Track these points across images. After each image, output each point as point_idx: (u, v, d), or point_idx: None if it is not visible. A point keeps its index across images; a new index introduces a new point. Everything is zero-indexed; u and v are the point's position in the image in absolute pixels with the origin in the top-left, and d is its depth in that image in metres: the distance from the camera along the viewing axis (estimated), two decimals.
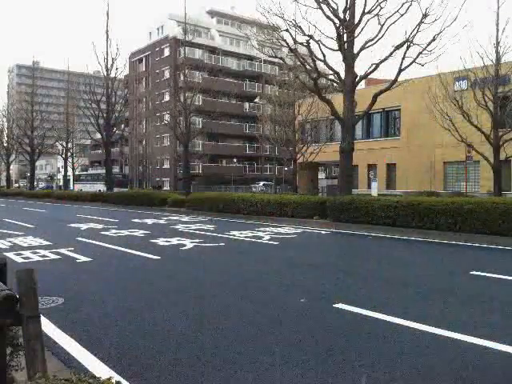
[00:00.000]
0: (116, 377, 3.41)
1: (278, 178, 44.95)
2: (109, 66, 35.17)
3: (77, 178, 58.48)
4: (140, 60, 59.30)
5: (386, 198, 15.78)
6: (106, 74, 35.45)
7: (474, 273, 7.60)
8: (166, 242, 11.63)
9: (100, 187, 43.14)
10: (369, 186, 28.80)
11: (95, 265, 8.65)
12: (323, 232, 14.31)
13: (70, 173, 58.97)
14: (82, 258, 9.17)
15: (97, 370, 3.59)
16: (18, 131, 52.68)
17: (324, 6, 17.77)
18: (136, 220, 18.61)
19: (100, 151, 55.55)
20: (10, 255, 9.28)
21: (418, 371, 3.69)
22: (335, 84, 20.84)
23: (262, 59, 54.62)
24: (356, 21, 17.70)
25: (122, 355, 4.06)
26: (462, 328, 4.68)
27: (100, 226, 15.79)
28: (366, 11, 17.47)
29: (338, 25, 17.80)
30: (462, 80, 22.34)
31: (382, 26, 17.28)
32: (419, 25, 16.98)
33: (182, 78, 33.47)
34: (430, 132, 26.98)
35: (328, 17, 17.80)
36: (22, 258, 9.19)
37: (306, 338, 4.45)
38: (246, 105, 57.42)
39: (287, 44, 19.55)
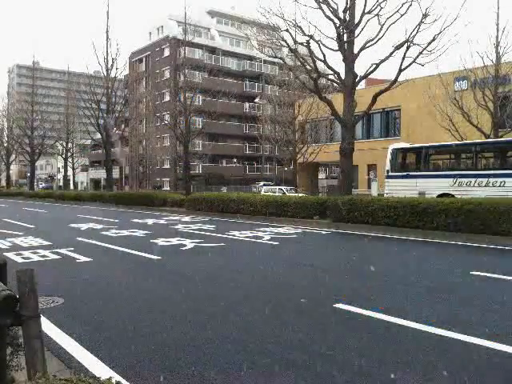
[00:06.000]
0: (116, 377, 3.41)
1: (278, 178, 44.97)
2: (109, 66, 35.18)
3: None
4: (140, 60, 59.30)
5: (385, 197, 15.78)
6: (106, 74, 35.45)
7: (475, 273, 7.59)
8: (167, 242, 11.63)
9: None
10: (369, 186, 28.82)
11: (95, 265, 8.65)
12: (323, 232, 14.30)
13: (70, 173, 58.99)
14: (82, 258, 9.17)
15: (97, 370, 3.59)
16: (18, 131, 52.66)
17: (324, 6, 17.78)
18: (136, 220, 18.61)
19: (100, 151, 55.51)
20: (10, 255, 9.27)
21: (418, 371, 3.69)
22: (335, 84, 20.86)
23: (262, 59, 54.61)
24: (356, 21, 17.70)
25: (122, 355, 4.06)
26: (463, 328, 4.68)
27: (100, 226, 15.79)
28: (366, 11, 17.48)
29: (338, 25, 17.80)
30: (462, 80, 22.37)
31: (382, 26, 17.28)
32: (419, 25, 16.98)
33: (182, 78, 33.47)
34: (430, 132, 26.98)
35: (328, 17, 17.80)
36: (22, 258, 9.18)
37: (306, 338, 4.45)
38: (246, 105, 57.42)
39: (287, 44, 19.55)
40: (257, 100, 54.75)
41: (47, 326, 4.66)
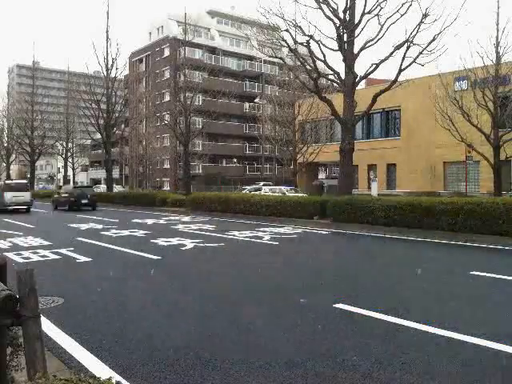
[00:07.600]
0: (116, 377, 3.41)
1: (278, 178, 44.93)
2: (109, 66, 35.10)
3: None
4: (140, 60, 59.24)
5: (385, 197, 15.78)
6: (106, 74, 35.39)
7: (474, 273, 7.59)
8: (167, 242, 11.63)
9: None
10: (369, 186, 28.82)
11: (95, 265, 8.65)
12: (323, 232, 14.30)
13: (70, 173, 58.94)
14: (82, 258, 9.17)
15: (97, 370, 3.59)
16: (18, 131, 52.59)
17: (324, 6, 17.78)
18: (136, 220, 18.61)
19: (100, 151, 55.52)
20: (10, 255, 9.28)
21: (418, 371, 3.69)
22: (335, 84, 20.88)
23: (262, 59, 54.55)
24: (356, 21, 17.70)
25: (122, 355, 4.06)
26: (463, 328, 4.68)
27: (100, 226, 15.79)
28: (366, 11, 17.47)
29: (338, 25, 17.80)
30: (462, 80, 22.35)
31: (382, 26, 17.28)
32: (419, 25, 16.98)
33: (182, 78, 33.46)
34: (429, 132, 26.99)
35: (328, 17, 17.80)
36: (22, 258, 9.19)
37: (306, 338, 4.45)
38: (246, 105, 57.37)
39: (287, 44, 19.55)
40: (257, 100, 54.70)
41: (47, 326, 4.66)
